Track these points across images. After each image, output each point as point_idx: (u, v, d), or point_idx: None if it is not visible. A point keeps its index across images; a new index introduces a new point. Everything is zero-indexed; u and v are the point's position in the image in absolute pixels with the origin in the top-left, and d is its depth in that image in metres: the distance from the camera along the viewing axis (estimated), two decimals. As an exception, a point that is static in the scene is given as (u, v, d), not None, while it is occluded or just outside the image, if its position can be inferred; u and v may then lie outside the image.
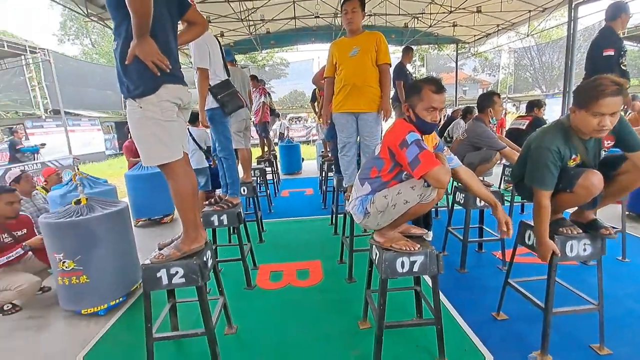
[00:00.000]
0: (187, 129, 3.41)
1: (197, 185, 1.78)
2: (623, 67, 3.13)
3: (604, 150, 1.79)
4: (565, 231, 1.75)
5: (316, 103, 5.82)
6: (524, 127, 4.03)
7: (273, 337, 2.10)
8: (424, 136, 1.72)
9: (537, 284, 1.97)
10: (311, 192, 6.13)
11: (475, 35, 10.71)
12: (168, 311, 1.99)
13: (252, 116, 6.00)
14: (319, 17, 8.54)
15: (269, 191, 5.12)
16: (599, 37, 3.25)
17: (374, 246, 1.84)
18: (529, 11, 8.35)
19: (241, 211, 2.79)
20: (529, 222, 1.90)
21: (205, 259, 1.75)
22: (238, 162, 3.43)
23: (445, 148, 1.88)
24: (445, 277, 2.60)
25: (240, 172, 3.24)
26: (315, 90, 5.88)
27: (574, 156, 1.69)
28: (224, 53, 2.90)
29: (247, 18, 8.13)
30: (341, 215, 3.21)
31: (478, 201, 2.74)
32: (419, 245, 1.69)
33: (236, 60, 5.19)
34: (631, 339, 1.92)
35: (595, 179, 1.59)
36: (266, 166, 5.74)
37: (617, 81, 1.48)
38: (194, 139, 4.08)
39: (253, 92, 5.95)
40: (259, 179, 4.95)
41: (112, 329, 2.28)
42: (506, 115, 10.96)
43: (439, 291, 1.73)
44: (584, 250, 1.75)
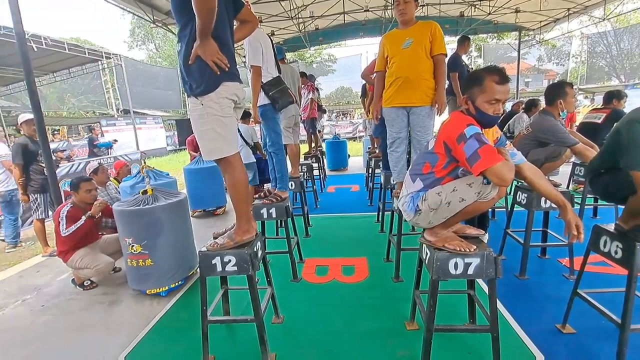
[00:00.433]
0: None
1: (248, 179, 1.85)
2: None
3: None
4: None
5: (366, 98, 5.73)
6: (600, 121, 3.59)
7: (318, 329, 2.13)
8: (484, 130, 1.61)
9: (611, 296, 1.77)
10: (357, 188, 6.08)
11: (541, 22, 9.74)
12: (221, 297, 2.11)
13: (301, 112, 6.08)
14: (368, 11, 8.39)
15: (315, 187, 5.18)
16: None
17: (424, 245, 1.77)
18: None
19: (289, 205, 2.85)
20: (606, 227, 1.69)
21: (255, 249, 1.82)
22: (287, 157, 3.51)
23: (508, 143, 1.74)
24: (502, 282, 2.41)
25: (289, 167, 3.32)
26: (365, 85, 5.80)
27: None
28: (275, 50, 2.98)
29: (296, 16, 8.25)
30: (388, 212, 3.13)
31: (544, 202, 2.50)
32: (474, 247, 1.59)
33: (286, 57, 5.29)
34: None
35: None
36: (313, 162, 5.80)
37: None
38: (241, 135, 4.25)
39: (302, 89, 6.03)
40: (305, 174, 5.03)
41: (172, 309, 2.50)
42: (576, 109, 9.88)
43: (496, 297, 1.62)
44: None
